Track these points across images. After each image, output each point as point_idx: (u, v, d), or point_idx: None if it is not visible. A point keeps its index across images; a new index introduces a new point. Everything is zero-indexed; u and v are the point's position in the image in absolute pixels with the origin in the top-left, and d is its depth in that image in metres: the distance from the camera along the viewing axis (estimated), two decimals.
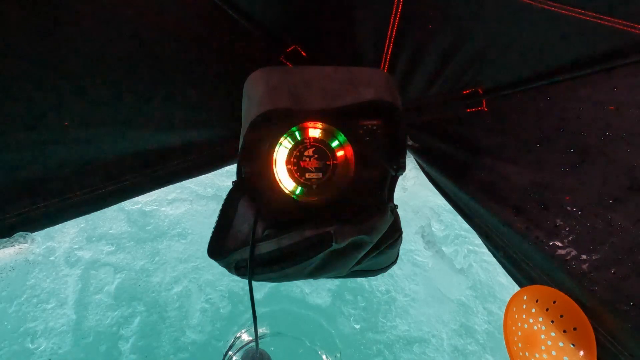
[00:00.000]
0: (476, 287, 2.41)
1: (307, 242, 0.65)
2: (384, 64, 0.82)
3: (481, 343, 2.23)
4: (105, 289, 2.14)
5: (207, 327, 2.09)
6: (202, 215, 2.45)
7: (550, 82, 0.72)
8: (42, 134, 0.66)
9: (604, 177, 0.65)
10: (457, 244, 2.54)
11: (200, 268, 2.25)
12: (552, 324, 0.68)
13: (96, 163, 0.74)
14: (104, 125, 0.71)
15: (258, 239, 0.66)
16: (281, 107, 0.63)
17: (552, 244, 0.69)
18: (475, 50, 0.75)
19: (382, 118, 0.68)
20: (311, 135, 0.67)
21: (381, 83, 0.67)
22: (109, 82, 0.68)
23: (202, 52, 0.76)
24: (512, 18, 0.67)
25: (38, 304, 2.02)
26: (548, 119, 0.73)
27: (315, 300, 2.24)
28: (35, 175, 0.69)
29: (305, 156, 0.67)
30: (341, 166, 0.68)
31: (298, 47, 0.82)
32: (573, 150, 0.69)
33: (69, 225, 2.27)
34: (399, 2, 0.71)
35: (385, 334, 2.19)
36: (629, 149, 0.63)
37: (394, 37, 0.76)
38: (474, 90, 0.83)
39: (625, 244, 0.62)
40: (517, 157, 0.77)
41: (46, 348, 1.93)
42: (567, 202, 0.68)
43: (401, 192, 2.61)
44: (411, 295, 2.34)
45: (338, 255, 0.70)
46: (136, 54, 0.69)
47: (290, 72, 0.68)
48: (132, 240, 2.30)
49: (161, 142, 0.80)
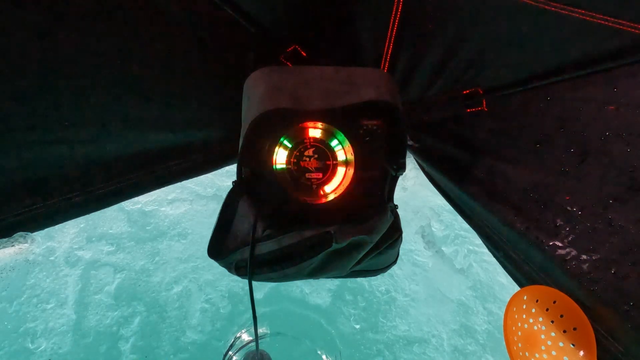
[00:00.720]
0: (476, 287, 2.41)
1: (307, 242, 0.65)
2: (384, 64, 0.82)
3: (481, 343, 2.23)
4: (105, 289, 2.14)
5: (207, 327, 2.09)
6: (202, 215, 2.45)
7: (551, 82, 0.72)
8: (42, 134, 0.66)
9: (604, 177, 0.65)
10: (457, 244, 2.54)
11: (200, 268, 2.25)
12: (552, 324, 0.68)
13: (96, 163, 0.74)
14: (104, 125, 0.71)
15: (258, 239, 0.66)
16: (281, 107, 0.63)
17: (552, 244, 0.69)
18: (475, 50, 0.75)
19: (382, 118, 0.68)
20: (311, 135, 0.67)
21: (381, 83, 0.67)
22: (109, 82, 0.68)
23: (202, 52, 0.76)
24: (512, 18, 0.67)
25: (38, 304, 2.02)
26: (548, 119, 0.73)
27: (315, 300, 2.24)
28: (35, 175, 0.69)
29: (305, 156, 0.67)
30: (341, 166, 0.68)
31: (298, 47, 0.82)
32: (573, 150, 0.69)
33: (69, 225, 2.27)
34: (399, 2, 0.70)
35: (385, 334, 2.19)
36: (629, 149, 0.63)
37: (394, 37, 0.76)
38: (474, 90, 0.83)
39: (625, 244, 0.62)
40: (517, 157, 0.77)
41: (46, 348, 1.93)
42: (567, 202, 0.68)
43: (401, 192, 2.61)
44: (411, 295, 2.34)
45: (338, 255, 0.70)
46: (136, 54, 0.69)
47: (291, 72, 0.68)
48: (132, 240, 2.30)
49: (161, 142, 0.80)
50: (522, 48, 0.72)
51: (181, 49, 0.73)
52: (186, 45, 0.73)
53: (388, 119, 0.68)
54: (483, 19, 0.70)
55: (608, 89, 0.66)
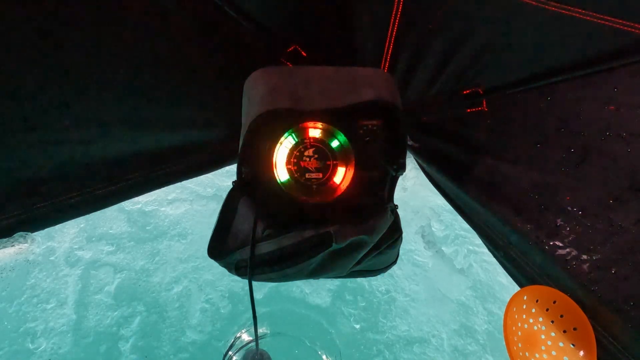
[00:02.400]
0: (476, 287, 2.41)
1: (307, 242, 0.65)
2: (385, 64, 0.82)
3: (481, 343, 2.23)
4: (105, 289, 2.14)
5: (207, 327, 2.09)
6: (202, 215, 2.45)
7: (551, 82, 0.72)
8: (42, 134, 0.66)
9: (605, 177, 0.65)
10: (457, 244, 2.54)
11: (200, 268, 2.25)
12: (552, 324, 0.68)
13: (96, 163, 0.74)
14: (104, 125, 0.71)
15: (258, 239, 0.66)
16: (281, 107, 0.63)
17: (552, 244, 0.69)
18: (475, 50, 0.75)
19: (382, 118, 0.68)
20: (311, 135, 0.67)
21: (381, 83, 0.67)
22: (109, 82, 0.68)
23: (202, 52, 0.76)
24: (512, 18, 0.67)
25: (38, 304, 2.02)
26: (548, 118, 0.73)
27: (315, 300, 2.24)
28: (35, 175, 0.69)
29: (305, 156, 0.67)
30: (341, 166, 0.68)
31: (298, 47, 0.82)
32: (573, 150, 0.69)
33: (69, 225, 2.27)
34: (399, 2, 0.70)
35: (385, 334, 2.19)
36: (630, 149, 0.63)
37: (394, 37, 0.76)
38: (474, 90, 0.83)
39: (625, 243, 0.62)
40: (518, 157, 0.77)
41: (46, 348, 1.93)
42: (568, 202, 0.68)
43: (401, 192, 2.61)
44: (411, 295, 2.34)
45: (338, 256, 0.70)
46: (136, 54, 0.69)
47: (291, 72, 0.68)
48: (132, 240, 2.30)
49: (161, 142, 0.79)
50: (522, 48, 0.72)
51: (181, 49, 0.73)
52: (186, 45, 0.73)
53: (388, 119, 0.68)
54: (483, 19, 0.70)
55: (608, 89, 0.66)
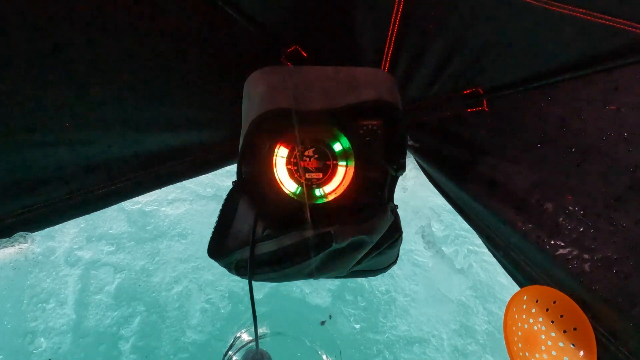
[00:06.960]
0: (476, 287, 2.41)
1: (307, 242, 0.64)
2: (385, 64, 0.82)
3: (481, 343, 2.23)
4: (105, 289, 2.14)
5: (207, 327, 2.09)
6: (202, 215, 2.45)
7: (551, 82, 0.72)
8: (42, 135, 0.66)
9: (605, 177, 0.65)
10: (457, 244, 2.54)
11: (200, 268, 2.25)
12: (552, 324, 0.68)
13: (96, 163, 0.74)
14: (104, 125, 0.71)
15: (258, 239, 0.66)
16: (281, 107, 0.63)
17: (553, 244, 0.69)
18: (475, 50, 0.75)
19: (382, 118, 0.68)
20: (311, 135, 0.67)
21: (382, 83, 0.67)
22: (109, 82, 0.68)
23: (202, 52, 0.76)
24: (513, 18, 0.67)
25: (38, 304, 2.02)
26: (549, 118, 0.73)
27: (315, 300, 2.24)
28: (36, 175, 0.69)
29: (305, 156, 0.67)
30: (341, 166, 0.68)
31: (298, 47, 0.82)
32: (574, 150, 0.69)
33: (69, 225, 2.27)
34: (399, 2, 0.70)
35: (385, 334, 2.19)
36: (630, 149, 0.63)
37: (394, 37, 0.76)
38: (474, 90, 0.83)
39: (626, 243, 0.62)
40: (518, 157, 0.77)
41: (46, 348, 1.93)
42: (569, 202, 0.68)
43: (401, 192, 2.61)
44: (411, 295, 2.34)
45: (338, 255, 0.70)
46: (136, 54, 0.69)
47: (291, 73, 0.68)
48: (132, 240, 2.30)
49: (161, 142, 0.79)
50: (523, 48, 0.72)
51: (182, 49, 0.73)
52: (187, 45, 0.73)
53: (388, 119, 0.68)
54: (484, 19, 0.70)
55: (609, 89, 0.66)
